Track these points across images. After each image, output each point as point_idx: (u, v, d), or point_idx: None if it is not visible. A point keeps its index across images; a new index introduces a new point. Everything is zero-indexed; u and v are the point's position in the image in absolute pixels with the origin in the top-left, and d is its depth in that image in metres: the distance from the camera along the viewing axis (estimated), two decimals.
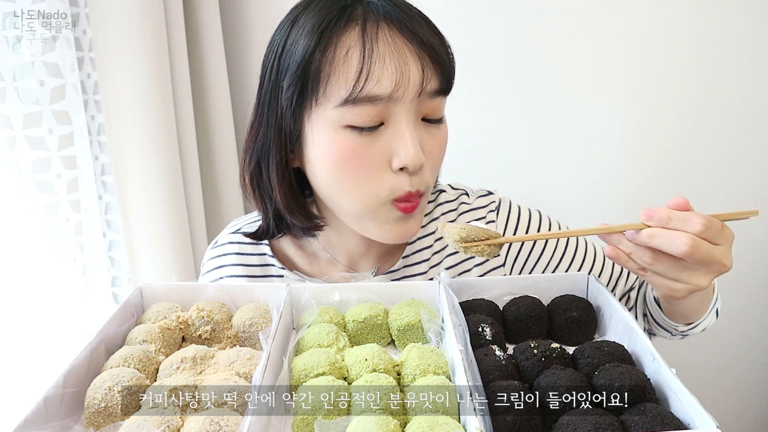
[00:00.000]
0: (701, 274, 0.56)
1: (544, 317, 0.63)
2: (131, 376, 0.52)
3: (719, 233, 0.53)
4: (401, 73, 0.62)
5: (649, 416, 0.43)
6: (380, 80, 0.61)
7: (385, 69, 0.61)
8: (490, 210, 0.83)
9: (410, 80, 0.62)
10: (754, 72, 1.17)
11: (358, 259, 0.82)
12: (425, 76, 0.63)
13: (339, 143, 0.64)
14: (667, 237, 0.53)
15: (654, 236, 0.53)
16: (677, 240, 0.52)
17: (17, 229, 1.09)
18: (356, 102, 0.62)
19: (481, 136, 1.41)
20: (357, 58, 0.62)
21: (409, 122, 0.64)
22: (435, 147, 0.68)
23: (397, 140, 0.64)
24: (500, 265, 0.81)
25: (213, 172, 1.47)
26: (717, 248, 0.53)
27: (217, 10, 1.37)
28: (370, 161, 0.64)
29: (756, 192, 1.24)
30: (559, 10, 1.26)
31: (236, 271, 0.82)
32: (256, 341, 0.63)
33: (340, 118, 0.63)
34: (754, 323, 1.34)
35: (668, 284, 0.57)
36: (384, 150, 0.64)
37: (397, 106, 0.63)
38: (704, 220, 0.52)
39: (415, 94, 0.63)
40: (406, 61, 0.62)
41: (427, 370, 0.53)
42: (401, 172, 0.65)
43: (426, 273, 0.81)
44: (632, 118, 1.28)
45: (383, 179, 0.65)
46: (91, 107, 1.19)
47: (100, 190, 1.25)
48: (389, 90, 0.62)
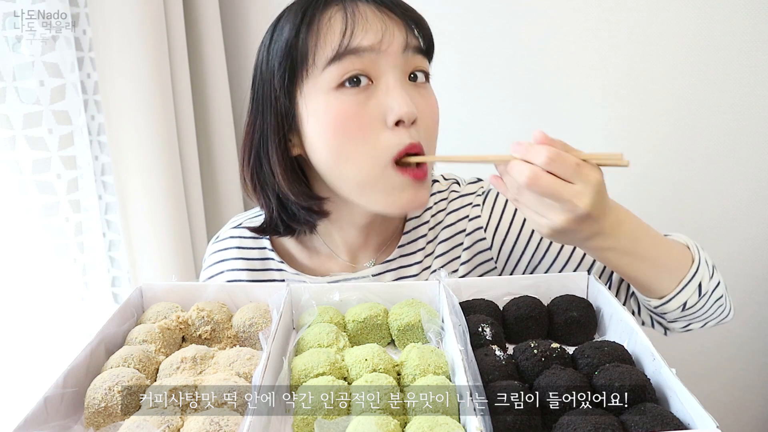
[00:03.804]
0: (557, 212, 0.55)
1: (544, 317, 0.63)
2: (131, 376, 0.52)
3: (572, 171, 0.53)
4: (385, 27, 0.65)
5: (649, 416, 0.43)
6: (365, 34, 0.64)
7: (369, 24, 0.64)
8: (477, 194, 0.83)
9: (395, 34, 0.65)
10: (753, 72, 1.17)
11: (357, 251, 0.83)
12: (408, 30, 0.66)
13: (332, 107, 0.65)
14: (515, 167, 0.55)
15: (510, 168, 0.56)
16: (519, 170, 0.54)
17: (17, 229, 1.09)
18: (342, 57, 0.63)
19: (479, 134, 1.41)
20: (341, 19, 0.65)
21: (397, 77, 0.66)
22: (426, 108, 0.69)
23: (388, 96, 0.65)
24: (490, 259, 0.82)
25: (213, 172, 1.47)
26: (567, 185, 0.53)
27: (217, 10, 1.37)
28: (365, 121, 0.65)
29: (755, 192, 1.24)
30: (559, 10, 1.26)
31: (237, 265, 0.83)
32: (256, 341, 0.63)
33: (330, 79, 0.65)
34: (754, 322, 1.34)
35: (534, 218, 0.58)
36: (376, 108, 0.65)
37: (383, 59, 0.65)
38: (549, 152, 0.53)
39: (401, 47, 0.65)
40: (391, 16, 0.66)
41: (427, 370, 0.53)
42: (398, 127, 0.65)
43: (421, 262, 0.82)
44: (631, 118, 1.28)
45: (381, 138, 0.65)
46: (91, 107, 1.19)
47: (100, 190, 1.25)
48: (374, 41, 0.64)
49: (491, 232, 0.81)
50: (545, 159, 0.53)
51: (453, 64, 1.36)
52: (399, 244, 0.82)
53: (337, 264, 0.83)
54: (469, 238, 0.81)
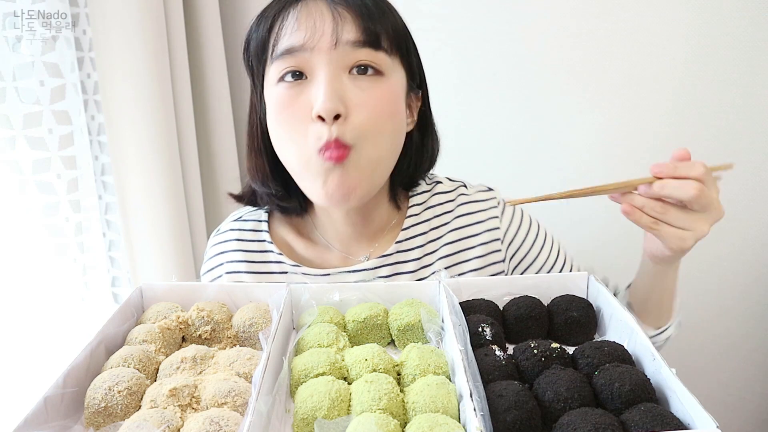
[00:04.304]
0: (704, 220, 0.62)
1: (544, 317, 0.63)
2: (131, 376, 0.52)
3: (713, 181, 0.61)
4: (313, 23, 0.66)
5: (649, 416, 0.43)
6: (295, 34, 0.67)
7: (298, 23, 0.67)
8: (492, 206, 0.84)
9: (324, 30, 0.66)
10: (753, 72, 1.17)
11: (349, 242, 0.84)
12: (337, 27, 0.66)
13: (274, 97, 0.70)
14: (676, 184, 0.60)
15: (665, 186, 0.60)
16: (686, 186, 0.59)
17: (17, 229, 1.09)
18: (278, 56, 0.68)
19: (474, 134, 1.41)
20: (279, 22, 0.69)
21: (327, 72, 0.66)
22: (367, 101, 0.67)
23: (315, 90, 0.66)
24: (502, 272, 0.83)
25: (213, 172, 1.47)
26: (714, 194, 0.61)
27: (217, 10, 1.37)
28: (296, 112, 0.68)
29: (755, 192, 1.24)
30: (558, 9, 1.26)
31: (236, 257, 0.84)
32: (256, 341, 0.63)
33: (274, 74, 0.69)
34: (754, 322, 1.34)
35: (678, 233, 0.63)
36: (306, 101, 0.67)
37: (315, 56, 0.66)
38: (704, 166, 0.60)
39: (330, 44, 0.66)
40: (322, 14, 0.66)
41: (427, 370, 0.53)
42: (320, 120, 0.66)
43: (420, 259, 0.82)
44: (631, 118, 1.28)
45: (309, 129, 0.67)
46: (91, 107, 1.19)
47: (100, 190, 1.25)
48: (302, 40, 0.66)
49: (506, 245, 0.83)
50: (703, 171, 0.59)
51: (452, 64, 1.36)
52: (397, 239, 0.82)
53: (332, 256, 0.84)
54: (483, 248, 0.82)
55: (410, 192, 0.87)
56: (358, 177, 0.69)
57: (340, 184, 0.68)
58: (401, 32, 0.72)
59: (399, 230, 0.83)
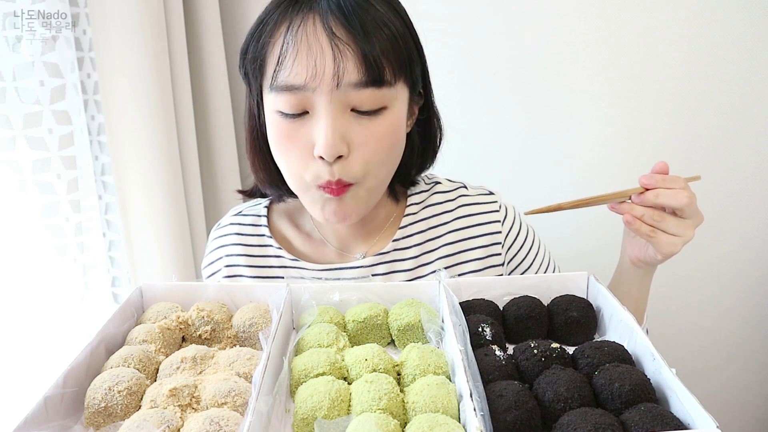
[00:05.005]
0: (691, 226, 0.67)
1: (544, 317, 0.63)
2: (131, 376, 0.52)
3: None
4: (314, 63, 0.63)
5: (649, 416, 0.43)
6: (295, 71, 0.63)
7: (299, 60, 0.63)
8: (494, 210, 0.84)
9: (325, 71, 0.63)
10: (753, 72, 1.17)
11: (346, 239, 0.84)
12: (338, 68, 0.63)
13: (274, 125, 0.69)
14: (670, 193, 0.65)
15: (660, 195, 0.65)
16: (679, 194, 0.65)
17: (17, 229, 1.09)
18: (277, 90, 0.65)
19: (476, 133, 1.41)
20: (278, 48, 0.65)
21: (329, 112, 0.64)
22: (369, 139, 0.66)
23: (317, 129, 0.65)
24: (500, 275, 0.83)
25: (213, 171, 1.47)
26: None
27: (217, 10, 1.37)
28: (297, 146, 0.67)
29: (755, 192, 1.24)
30: (558, 9, 1.26)
31: (236, 251, 0.85)
32: (256, 341, 0.63)
33: (272, 103, 0.67)
34: (754, 322, 1.34)
35: (671, 240, 0.67)
36: (308, 137, 0.66)
37: (316, 95, 0.64)
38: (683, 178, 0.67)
39: (332, 85, 0.63)
40: (322, 51, 0.63)
41: (427, 370, 0.53)
42: (322, 160, 0.66)
43: (417, 258, 0.82)
44: (631, 118, 1.28)
45: (309, 165, 0.67)
46: (91, 107, 1.19)
47: (100, 190, 1.25)
48: (303, 80, 0.63)
49: (506, 249, 0.84)
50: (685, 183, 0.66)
51: (452, 64, 1.36)
52: (394, 237, 0.82)
53: (330, 251, 0.84)
54: (483, 250, 0.82)
55: (409, 191, 0.87)
56: (356, 206, 0.71)
57: (337, 212, 0.70)
58: (405, 47, 0.67)
59: (396, 229, 0.83)
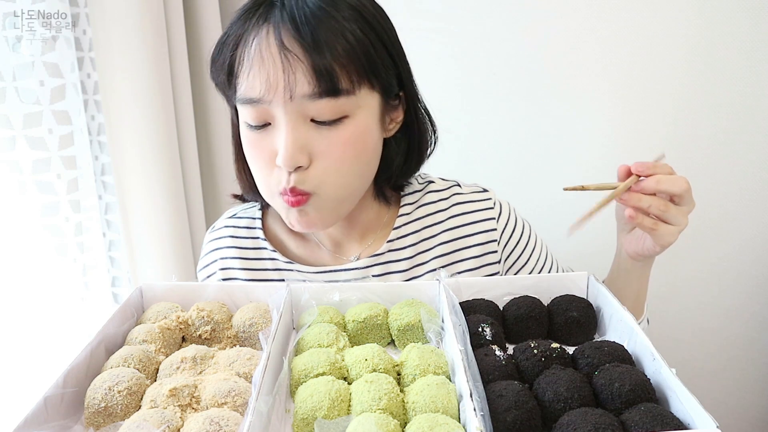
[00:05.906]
0: (686, 213, 0.66)
1: (544, 317, 0.63)
2: (131, 376, 0.52)
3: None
4: (267, 76, 0.63)
5: (649, 416, 0.43)
6: (251, 84, 0.65)
7: (253, 73, 0.64)
8: (488, 207, 0.84)
9: (277, 84, 0.63)
10: (753, 72, 1.17)
11: (340, 241, 0.84)
12: (289, 80, 0.63)
13: (243, 135, 0.71)
14: (670, 179, 0.63)
15: (660, 181, 0.63)
16: (679, 180, 0.63)
17: (17, 229, 1.09)
18: (240, 102, 0.67)
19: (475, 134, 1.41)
20: (236, 61, 0.66)
21: (287, 123, 0.65)
22: (330, 148, 0.66)
23: (278, 140, 0.66)
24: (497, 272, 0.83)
25: (213, 172, 1.47)
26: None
27: (217, 10, 1.37)
28: (262, 155, 0.69)
29: (755, 192, 1.24)
30: (558, 9, 1.26)
31: (230, 254, 0.85)
32: (256, 341, 0.63)
33: (241, 114, 0.70)
34: (754, 322, 1.34)
35: (670, 230, 0.66)
36: (271, 146, 0.67)
37: (273, 108, 0.65)
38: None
39: (285, 98, 0.63)
40: (274, 63, 0.63)
41: (427, 370, 0.53)
42: (282, 168, 0.67)
43: (412, 258, 0.82)
44: (631, 119, 1.28)
45: (272, 173, 0.69)
46: (91, 107, 1.19)
47: (100, 190, 1.25)
48: (259, 93, 0.64)
49: (502, 246, 0.83)
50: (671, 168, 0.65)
51: (451, 64, 1.36)
52: (389, 238, 0.82)
53: (324, 254, 0.84)
54: (479, 248, 0.82)
55: (401, 192, 0.86)
56: (319, 216, 0.71)
57: (300, 221, 0.71)
58: (366, 54, 0.65)
59: (391, 229, 0.83)
